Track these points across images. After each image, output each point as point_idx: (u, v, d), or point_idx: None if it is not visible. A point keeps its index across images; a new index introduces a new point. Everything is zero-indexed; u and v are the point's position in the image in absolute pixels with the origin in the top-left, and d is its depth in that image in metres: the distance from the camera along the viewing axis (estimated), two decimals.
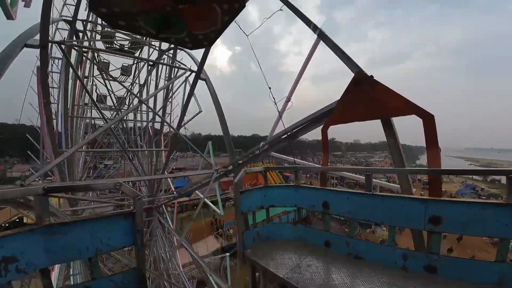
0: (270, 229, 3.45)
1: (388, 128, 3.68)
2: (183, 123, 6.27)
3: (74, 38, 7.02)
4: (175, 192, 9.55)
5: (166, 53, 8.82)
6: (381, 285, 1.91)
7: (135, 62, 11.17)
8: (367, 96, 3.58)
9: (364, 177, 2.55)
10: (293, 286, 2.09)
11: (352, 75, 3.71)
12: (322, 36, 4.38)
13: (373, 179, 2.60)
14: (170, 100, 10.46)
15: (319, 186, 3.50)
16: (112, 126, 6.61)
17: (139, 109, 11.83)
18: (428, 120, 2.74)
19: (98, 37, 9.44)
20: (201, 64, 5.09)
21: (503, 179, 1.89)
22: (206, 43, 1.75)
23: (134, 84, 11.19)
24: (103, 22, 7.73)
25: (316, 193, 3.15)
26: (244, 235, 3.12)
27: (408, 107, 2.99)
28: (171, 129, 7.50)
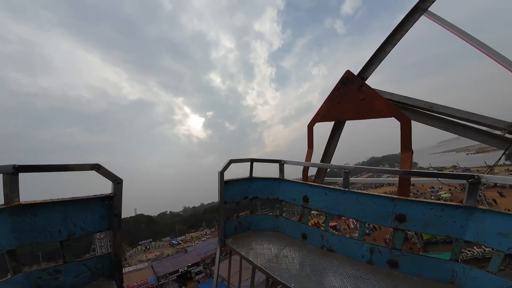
0: (252, 219, 3.57)
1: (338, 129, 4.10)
2: None
3: None
4: None
5: None
6: (348, 277, 2.07)
7: None
8: (353, 96, 3.68)
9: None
10: (270, 275, 2.23)
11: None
12: None
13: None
14: None
15: (301, 181, 3.63)
16: None
17: None
18: (405, 124, 2.88)
19: None
20: None
21: None
22: None
23: None
24: None
25: (297, 187, 3.27)
26: (226, 224, 3.22)
27: (389, 110, 3.12)
28: None
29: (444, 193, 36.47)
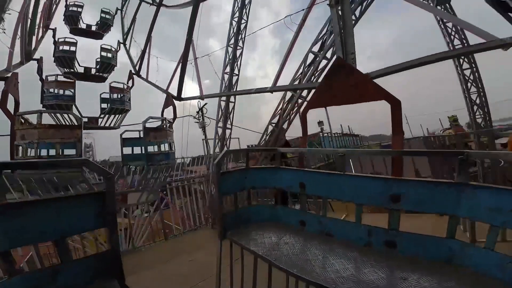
0: (250, 210, 3.58)
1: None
2: None
3: None
4: None
5: None
6: (348, 260, 2.10)
7: None
8: (345, 81, 3.67)
9: None
10: (271, 262, 2.27)
11: None
12: None
13: None
14: None
15: (297, 168, 3.66)
16: None
17: None
18: (396, 106, 2.92)
19: None
20: None
21: None
22: None
23: None
24: None
25: (293, 174, 3.28)
26: (226, 217, 3.22)
27: (379, 93, 3.14)
28: None
29: None
